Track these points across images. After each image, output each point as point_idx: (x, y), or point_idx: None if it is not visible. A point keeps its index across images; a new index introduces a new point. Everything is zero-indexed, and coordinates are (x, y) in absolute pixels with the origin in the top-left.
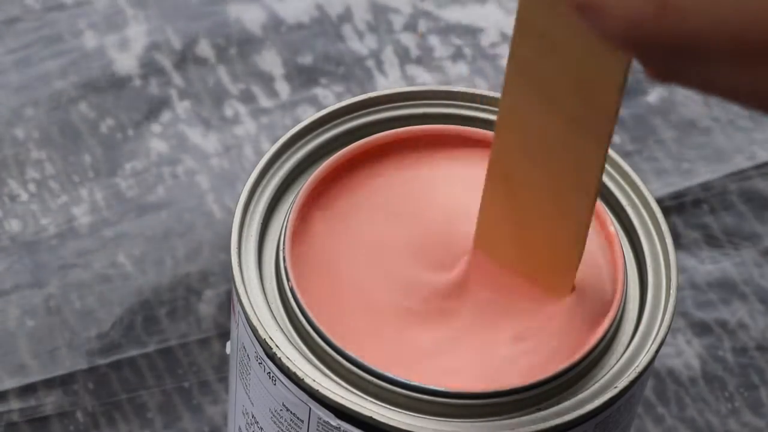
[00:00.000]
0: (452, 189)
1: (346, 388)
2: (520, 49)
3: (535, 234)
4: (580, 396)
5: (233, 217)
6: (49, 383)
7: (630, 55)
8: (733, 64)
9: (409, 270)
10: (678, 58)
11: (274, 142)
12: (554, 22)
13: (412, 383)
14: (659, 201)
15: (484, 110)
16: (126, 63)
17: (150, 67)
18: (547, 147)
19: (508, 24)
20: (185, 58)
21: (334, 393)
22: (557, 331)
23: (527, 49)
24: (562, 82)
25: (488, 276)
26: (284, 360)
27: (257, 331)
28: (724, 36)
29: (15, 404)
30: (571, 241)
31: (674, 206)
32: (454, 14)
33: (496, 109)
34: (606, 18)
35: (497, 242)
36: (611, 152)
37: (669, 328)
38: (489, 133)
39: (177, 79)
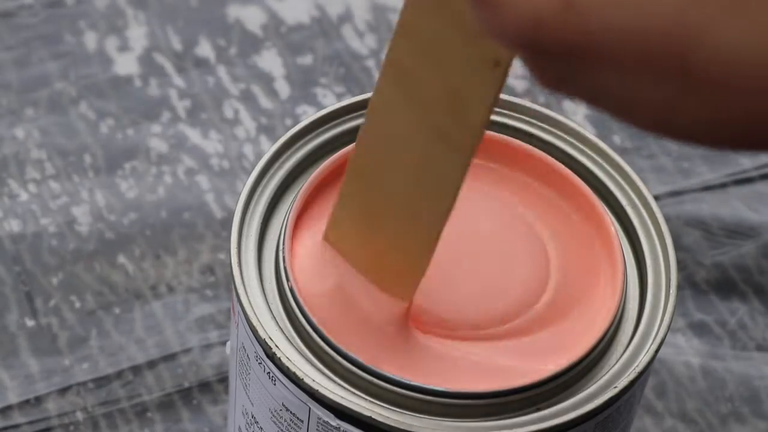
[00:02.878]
0: None
1: (346, 388)
2: (397, 47)
3: (383, 238)
4: (580, 396)
5: (233, 217)
6: (49, 383)
7: (523, 58)
8: (631, 74)
9: None
10: (574, 63)
11: (274, 142)
12: (436, 21)
13: (412, 383)
14: (658, 200)
15: None
16: (126, 63)
17: (150, 68)
18: (408, 153)
19: None
20: (185, 59)
21: (334, 393)
22: (557, 330)
23: (404, 49)
24: (432, 90)
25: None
26: (284, 360)
27: (257, 331)
28: (626, 41)
29: (14, 399)
30: (418, 252)
31: (674, 205)
32: None
33: (495, 108)
34: (506, 14)
35: (346, 240)
36: (612, 152)
37: (669, 328)
38: (488, 133)
39: (177, 79)
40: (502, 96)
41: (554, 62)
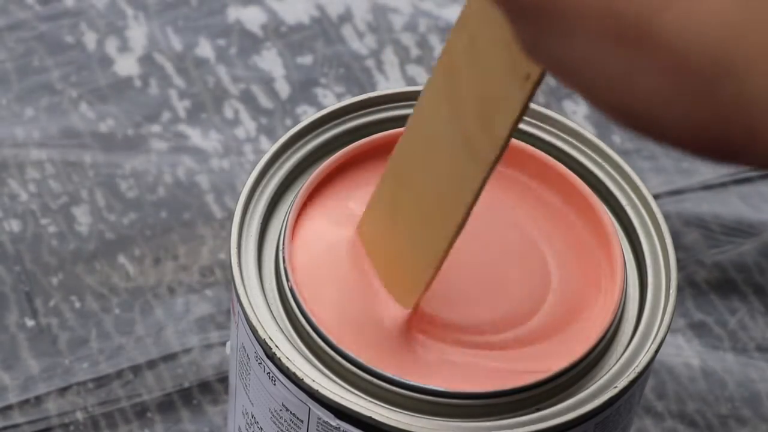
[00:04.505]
0: None
1: (346, 388)
2: (454, 39)
3: (399, 241)
4: (580, 396)
5: (233, 217)
6: (49, 383)
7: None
8: (593, 40)
9: None
10: (545, 27)
11: (274, 142)
12: (487, 25)
13: (412, 383)
14: (658, 199)
15: None
16: (126, 64)
17: (150, 68)
18: (437, 155)
19: None
20: (185, 59)
21: (333, 393)
22: (557, 330)
23: (457, 44)
24: (470, 91)
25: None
26: (284, 360)
27: (257, 331)
28: (589, 5)
29: (14, 399)
30: (426, 262)
31: (673, 204)
32: (454, 14)
33: None
34: None
35: (370, 237)
36: (612, 152)
37: (669, 328)
38: None
39: (177, 79)
40: None
41: (529, 25)
